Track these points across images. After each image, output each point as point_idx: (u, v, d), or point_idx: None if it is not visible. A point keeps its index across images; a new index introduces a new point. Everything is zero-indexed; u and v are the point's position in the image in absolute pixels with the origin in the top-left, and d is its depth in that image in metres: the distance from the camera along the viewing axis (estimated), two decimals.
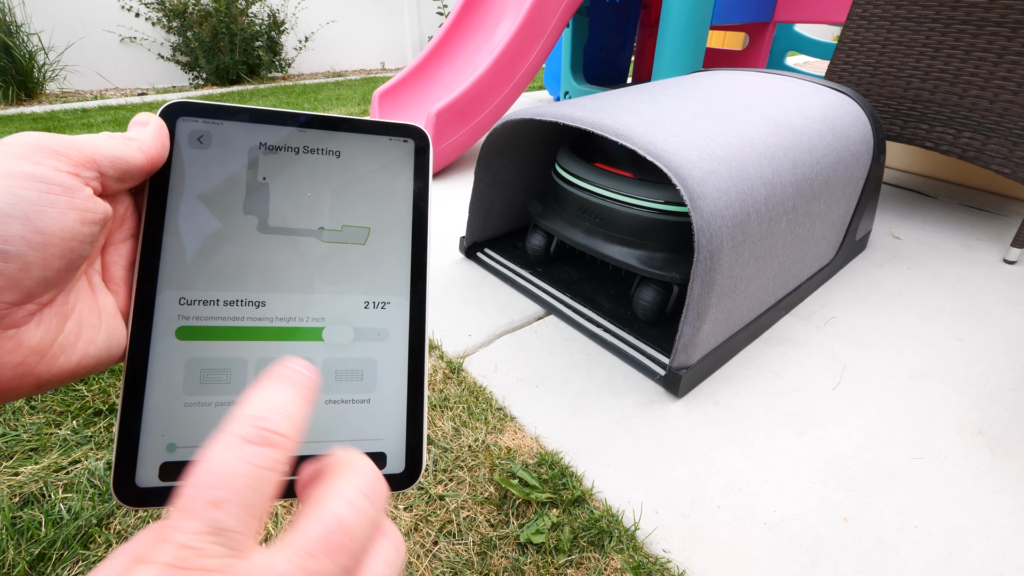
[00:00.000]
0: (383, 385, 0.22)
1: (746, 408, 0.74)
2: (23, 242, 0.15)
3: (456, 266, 1.11)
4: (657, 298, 0.85)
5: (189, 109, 0.21)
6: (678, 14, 1.63)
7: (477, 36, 1.87)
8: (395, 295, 0.22)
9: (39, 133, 0.17)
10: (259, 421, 0.14)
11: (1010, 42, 1.05)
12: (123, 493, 0.19)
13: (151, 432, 0.19)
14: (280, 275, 0.21)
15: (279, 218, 0.22)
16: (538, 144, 1.07)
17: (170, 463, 0.19)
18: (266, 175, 0.22)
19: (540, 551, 0.55)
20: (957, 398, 0.77)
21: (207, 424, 0.20)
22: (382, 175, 0.23)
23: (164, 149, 0.20)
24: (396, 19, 4.38)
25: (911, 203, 1.47)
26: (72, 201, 0.17)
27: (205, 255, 0.21)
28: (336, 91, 3.17)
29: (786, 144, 0.79)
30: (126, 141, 0.19)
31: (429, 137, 0.24)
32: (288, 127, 0.22)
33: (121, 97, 3.00)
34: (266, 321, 0.21)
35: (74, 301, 0.18)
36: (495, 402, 0.75)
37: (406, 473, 0.22)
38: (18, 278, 0.15)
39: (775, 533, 0.57)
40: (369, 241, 0.22)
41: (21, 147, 0.16)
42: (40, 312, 0.17)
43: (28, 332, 0.16)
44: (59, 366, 0.17)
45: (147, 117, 0.20)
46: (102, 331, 0.19)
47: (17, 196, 0.15)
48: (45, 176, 0.16)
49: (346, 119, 0.23)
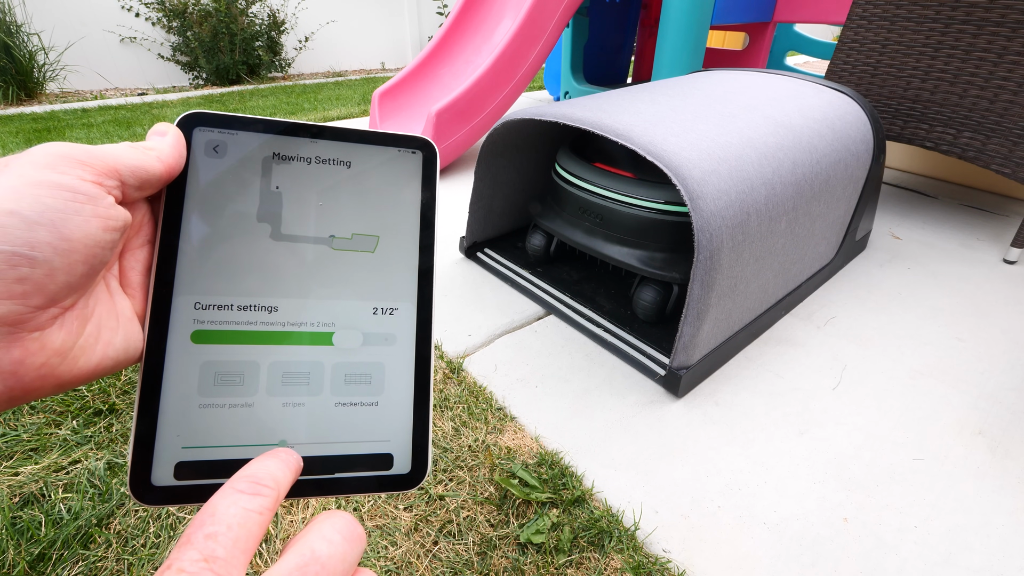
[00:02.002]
0: (390, 389, 0.22)
1: (746, 408, 0.74)
2: (50, 248, 0.16)
3: (456, 266, 1.11)
4: (657, 298, 0.85)
5: (205, 119, 0.22)
6: (678, 14, 1.63)
7: (477, 36, 1.87)
8: (403, 301, 0.23)
9: (65, 143, 0.18)
10: (251, 477, 0.17)
11: (1010, 42, 1.05)
12: (139, 491, 0.19)
13: (166, 432, 0.20)
14: (292, 281, 0.22)
15: (291, 226, 0.22)
16: (538, 144, 1.07)
17: (185, 463, 0.20)
18: (279, 184, 0.22)
19: (540, 551, 0.55)
20: (957, 398, 0.77)
21: (221, 425, 0.20)
22: (391, 185, 0.24)
23: (181, 158, 0.21)
24: (396, 19, 4.38)
25: (911, 203, 1.47)
26: (96, 209, 0.17)
27: (219, 261, 0.21)
28: (336, 91, 3.17)
29: (786, 144, 0.79)
30: (146, 151, 0.20)
31: (437, 149, 0.25)
32: (300, 138, 0.23)
33: (121, 97, 3.00)
34: (278, 326, 0.22)
35: (93, 305, 0.19)
36: (495, 402, 0.75)
37: (412, 474, 0.22)
38: (44, 283, 0.16)
39: (775, 533, 0.57)
40: (378, 249, 0.23)
41: (48, 157, 0.17)
42: (63, 316, 0.17)
43: (51, 335, 0.17)
44: (79, 367, 0.18)
45: (165, 127, 0.21)
46: (120, 334, 0.20)
47: (45, 204, 0.16)
48: (71, 185, 0.17)
49: (357, 131, 0.24)
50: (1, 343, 0.16)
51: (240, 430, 0.20)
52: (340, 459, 0.21)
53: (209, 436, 0.20)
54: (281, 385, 0.21)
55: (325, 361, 0.22)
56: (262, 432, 0.21)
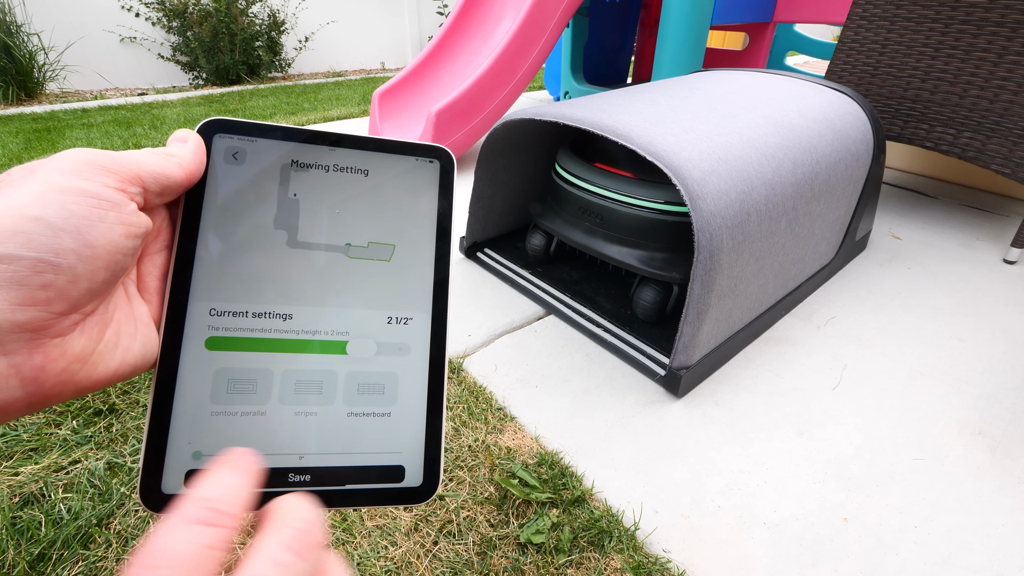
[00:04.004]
0: (404, 399, 0.22)
1: (746, 408, 0.74)
2: (74, 255, 0.16)
3: (456, 266, 1.11)
4: (657, 298, 0.85)
5: (226, 126, 0.22)
6: (678, 14, 1.63)
7: (477, 36, 1.87)
8: (417, 311, 0.23)
9: (89, 150, 0.18)
10: (207, 503, 0.15)
11: (1010, 42, 1.05)
12: (149, 499, 0.19)
13: (178, 439, 0.20)
14: (307, 289, 0.22)
15: (308, 234, 0.22)
16: (538, 144, 1.07)
17: (196, 471, 0.20)
18: (296, 191, 0.22)
19: (540, 551, 0.55)
20: (957, 398, 0.77)
21: (233, 433, 0.20)
22: (408, 194, 0.24)
23: (201, 165, 0.21)
24: (396, 19, 4.38)
25: (911, 203, 1.47)
26: (119, 216, 0.17)
27: (235, 268, 0.21)
28: (336, 91, 3.17)
29: (786, 144, 0.79)
30: (167, 157, 0.20)
31: (454, 159, 0.25)
32: (319, 146, 0.23)
33: (121, 97, 3.00)
34: (292, 334, 0.21)
35: (113, 310, 0.19)
36: (495, 402, 0.75)
37: (424, 487, 0.22)
38: (67, 289, 0.16)
39: (775, 533, 0.57)
40: (394, 258, 0.23)
41: (73, 163, 0.17)
42: (83, 321, 0.17)
43: (72, 341, 0.17)
44: (98, 373, 0.18)
45: (186, 134, 0.21)
46: (138, 339, 0.20)
47: (70, 211, 0.16)
48: (95, 192, 0.17)
49: (375, 139, 0.24)
50: (23, 349, 0.16)
51: (251, 438, 0.20)
52: (350, 470, 0.21)
53: (220, 444, 0.20)
54: (294, 394, 0.21)
55: (339, 370, 0.22)
56: (273, 441, 0.20)
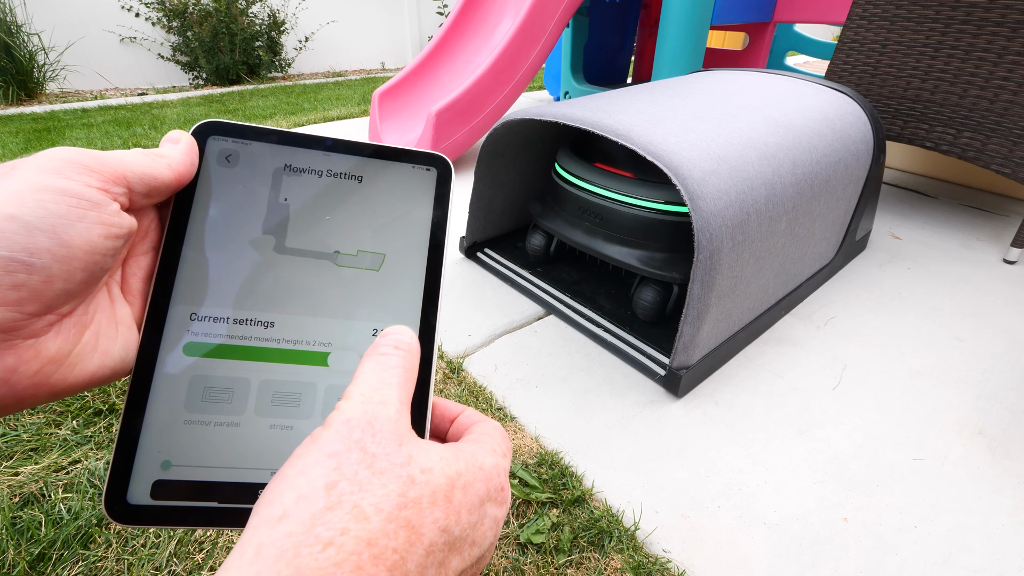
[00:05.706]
0: None
1: (746, 408, 0.74)
2: (48, 255, 0.16)
3: (456, 266, 1.11)
4: (657, 298, 0.85)
5: (221, 129, 0.22)
6: (678, 14, 1.63)
7: (477, 36, 1.87)
8: (405, 324, 0.22)
9: (74, 148, 0.17)
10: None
11: (1010, 42, 1.05)
12: (113, 509, 0.18)
13: (148, 447, 0.19)
14: (291, 297, 0.21)
15: (296, 239, 0.22)
16: (538, 144, 1.07)
17: (162, 481, 0.19)
18: (288, 196, 0.22)
19: (540, 551, 0.55)
20: (957, 398, 0.77)
21: (204, 444, 0.19)
22: (402, 203, 0.23)
23: (192, 167, 0.21)
24: (396, 19, 4.38)
25: (911, 203, 1.47)
26: (99, 216, 0.17)
27: (220, 272, 0.21)
28: (336, 91, 3.17)
29: (786, 144, 0.79)
30: (156, 158, 0.19)
31: (452, 167, 0.24)
32: (314, 150, 0.22)
33: (121, 97, 3.00)
34: (272, 342, 0.21)
35: (93, 312, 0.19)
36: (495, 402, 0.75)
37: None
38: (40, 290, 0.16)
39: (775, 533, 0.57)
40: (383, 268, 0.22)
41: (55, 162, 0.17)
42: (59, 323, 0.17)
43: (46, 342, 0.17)
44: (75, 376, 0.18)
45: (179, 135, 0.21)
46: (118, 342, 0.19)
47: (46, 210, 0.16)
48: (75, 191, 0.17)
49: (371, 145, 0.23)
50: None
51: (223, 451, 0.19)
52: None
53: (191, 455, 0.19)
54: (270, 405, 0.20)
55: (318, 383, 0.21)
56: (246, 454, 0.20)
